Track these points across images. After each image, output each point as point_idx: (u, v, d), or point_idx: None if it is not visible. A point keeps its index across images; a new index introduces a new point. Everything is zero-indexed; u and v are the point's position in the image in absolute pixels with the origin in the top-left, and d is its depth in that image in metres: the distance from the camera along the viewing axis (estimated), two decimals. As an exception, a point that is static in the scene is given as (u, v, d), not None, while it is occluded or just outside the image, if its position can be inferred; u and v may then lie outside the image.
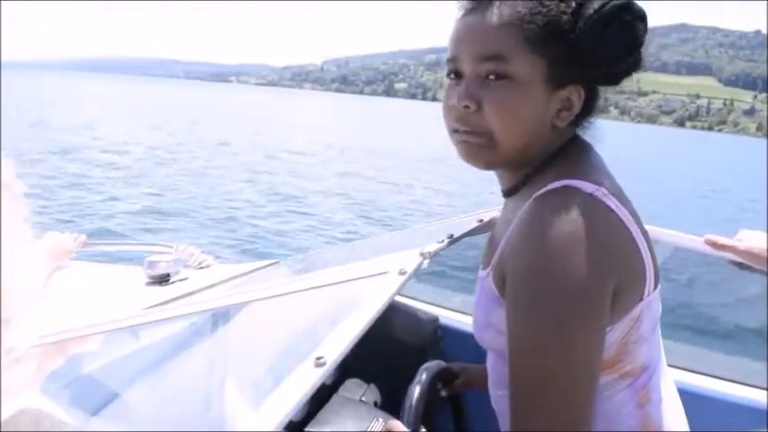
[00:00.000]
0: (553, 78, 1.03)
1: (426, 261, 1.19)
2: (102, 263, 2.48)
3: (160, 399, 1.19)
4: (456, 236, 1.35)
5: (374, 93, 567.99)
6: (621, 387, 1.04)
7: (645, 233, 1.02)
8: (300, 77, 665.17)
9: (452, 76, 1.09)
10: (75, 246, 2.33)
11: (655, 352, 1.08)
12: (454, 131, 1.08)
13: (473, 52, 1.03)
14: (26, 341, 1.48)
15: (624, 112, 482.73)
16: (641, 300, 0.99)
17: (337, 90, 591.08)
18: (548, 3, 1.01)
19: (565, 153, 1.08)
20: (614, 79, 1.07)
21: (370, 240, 2.53)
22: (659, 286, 1.05)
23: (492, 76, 1.02)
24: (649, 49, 1.03)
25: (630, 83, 1.09)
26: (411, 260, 1.16)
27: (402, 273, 1.09)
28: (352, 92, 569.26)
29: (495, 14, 1.02)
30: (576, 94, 1.05)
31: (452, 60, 1.08)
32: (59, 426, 0.72)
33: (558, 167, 1.04)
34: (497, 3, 1.03)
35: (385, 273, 1.10)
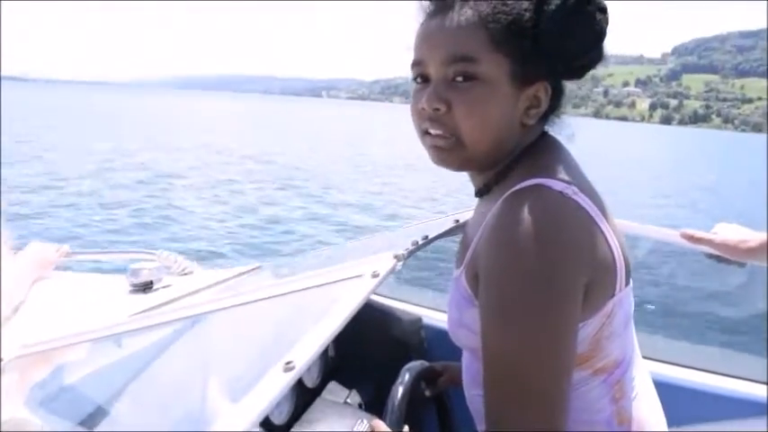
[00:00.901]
0: (520, 76, 1.03)
1: (400, 263, 1.21)
2: (85, 272, 2.48)
3: (139, 407, 1.20)
4: (431, 237, 1.37)
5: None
6: (596, 383, 1.05)
7: (616, 229, 1.03)
8: (389, 91, 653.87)
9: (419, 80, 1.09)
10: (57, 256, 2.33)
11: (628, 346, 1.10)
12: (425, 134, 1.09)
13: (439, 55, 1.04)
14: (9, 352, 1.48)
15: (727, 120, 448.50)
16: (613, 296, 1.00)
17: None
18: (509, 1, 1.02)
19: (534, 151, 1.09)
20: (579, 72, 1.08)
21: (350, 244, 2.54)
22: (631, 282, 1.06)
23: (459, 78, 1.02)
24: (755, 54, 1.05)
25: (734, 89, 1.08)
26: (385, 263, 1.17)
27: (375, 275, 1.10)
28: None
29: (458, 16, 1.02)
30: (543, 91, 1.06)
31: (418, 64, 1.08)
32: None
33: (528, 166, 1.05)
34: (459, 4, 1.03)
35: (359, 276, 1.11)
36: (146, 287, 2.16)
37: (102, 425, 1.26)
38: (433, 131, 1.07)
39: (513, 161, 1.08)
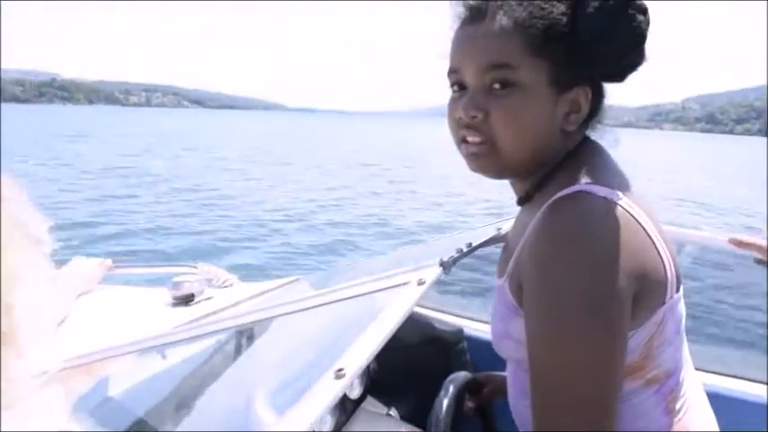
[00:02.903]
0: (558, 81, 1.01)
1: (446, 271, 1.19)
2: (128, 286, 2.51)
3: (186, 418, 1.20)
4: (474, 245, 1.35)
5: (747, 132, 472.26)
6: (648, 393, 1.02)
7: (664, 235, 1.00)
8: (659, 118, 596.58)
9: (455, 88, 1.08)
10: (100, 270, 2.36)
11: (680, 356, 1.07)
12: (462, 142, 1.07)
13: (475, 63, 1.02)
14: (54, 365, 1.50)
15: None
16: (663, 303, 0.98)
17: (702, 130, 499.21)
18: (546, 5, 1.00)
19: (576, 157, 1.06)
20: (621, 75, 1.06)
21: (392, 254, 2.53)
22: (681, 289, 1.03)
23: (497, 85, 1.01)
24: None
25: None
26: (430, 271, 1.15)
27: (421, 283, 1.09)
28: (721, 131, 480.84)
29: (494, 22, 1.00)
30: (583, 96, 1.04)
31: (455, 72, 1.07)
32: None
33: (570, 172, 1.03)
34: (494, 10, 1.01)
35: (405, 284, 1.10)
36: (187, 300, 2.17)
37: None
38: (470, 139, 1.05)
39: (554, 168, 1.06)
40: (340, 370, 0.78)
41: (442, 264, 1.19)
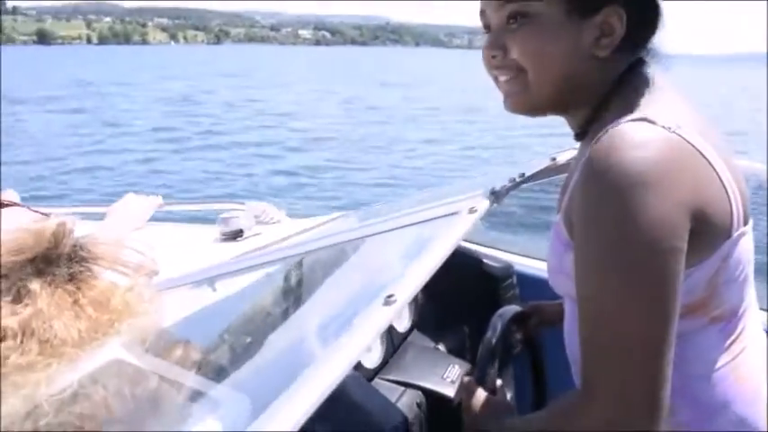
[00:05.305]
0: (579, 5, 0.97)
1: (497, 201, 1.16)
2: (177, 222, 2.54)
3: (237, 349, 1.21)
4: (528, 174, 1.31)
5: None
6: (712, 332, 0.99)
7: (733, 167, 0.94)
8: None
9: (486, 30, 1.07)
10: (152, 207, 2.39)
11: (746, 294, 1.02)
12: (496, 81, 1.07)
13: (492, 1, 1.01)
14: None
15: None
16: (729, 237, 0.93)
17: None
18: None
19: (629, 86, 1.01)
20: None
21: (440, 188, 2.50)
22: (751, 222, 0.98)
23: (513, 20, 0.99)
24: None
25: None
26: (482, 200, 1.12)
27: (472, 212, 1.06)
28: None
29: None
30: (614, 17, 0.98)
31: (482, 14, 1.06)
32: (142, 374, 0.74)
33: (624, 103, 0.98)
34: None
35: (455, 213, 1.08)
36: (236, 235, 2.20)
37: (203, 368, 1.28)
38: (501, 78, 1.05)
39: (605, 99, 1.02)
40: (390, 296, 0.76)
41: (493, 193, 1.15)
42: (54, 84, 38.14)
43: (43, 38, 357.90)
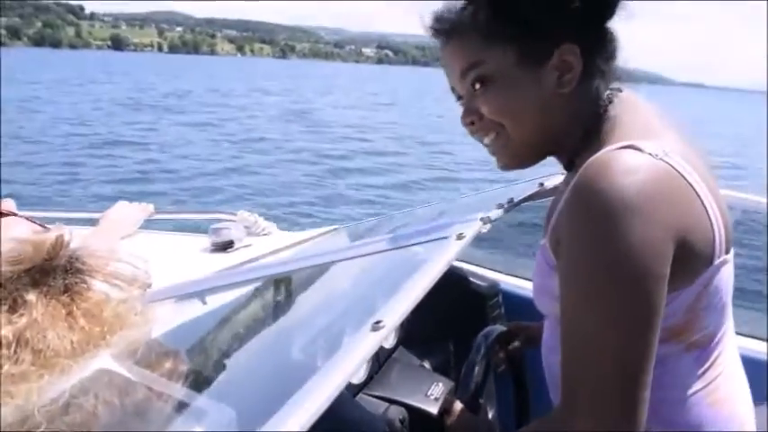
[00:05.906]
0: (530, 56, 1.02)
1: (486, 226, 1.18)
2: (167, 231, 2.54)
3: (222, 365, 1.22)
4: (516, 200, 1.33)
5: None
6: (688, 359, 1.01)
7: (717, 194, 0.97)
8: None
9: (460, 102, 1.12)
10: (142, 215, 2.40)
11: (725, 321, 1.04)
12: (484, 146, 1.12)
13: (455, 75, 1.08)
14: None
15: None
16: (711, 264, 0.95)
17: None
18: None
19: (608, 117, 1.04)
20: (606, 12, 1.03)
21: (434, 206, 2.52)
22: (732, 251, 1.00)
23: (477, 85, 1.05)
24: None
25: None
26: (470, 225, 1.15)
27: (460, 237, 1.08)
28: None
29: (453, 34, 1.06)
30: (569, 55, 1.02)
31: (452, 90, 1.13)
32: (131, 385, 0.76)
33: (610, 130, 1.02)
34: (453, 23, 1.06)
35: (444, 238, 1.10)
36: (226, 246, 2.20)
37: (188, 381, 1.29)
38: (485, 140, 1.10)
39: (590, 128, 1.04)
40: (378, 322, 0.78)
41: (482, 218, 1.18)
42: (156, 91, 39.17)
43: (117, 44, 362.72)
